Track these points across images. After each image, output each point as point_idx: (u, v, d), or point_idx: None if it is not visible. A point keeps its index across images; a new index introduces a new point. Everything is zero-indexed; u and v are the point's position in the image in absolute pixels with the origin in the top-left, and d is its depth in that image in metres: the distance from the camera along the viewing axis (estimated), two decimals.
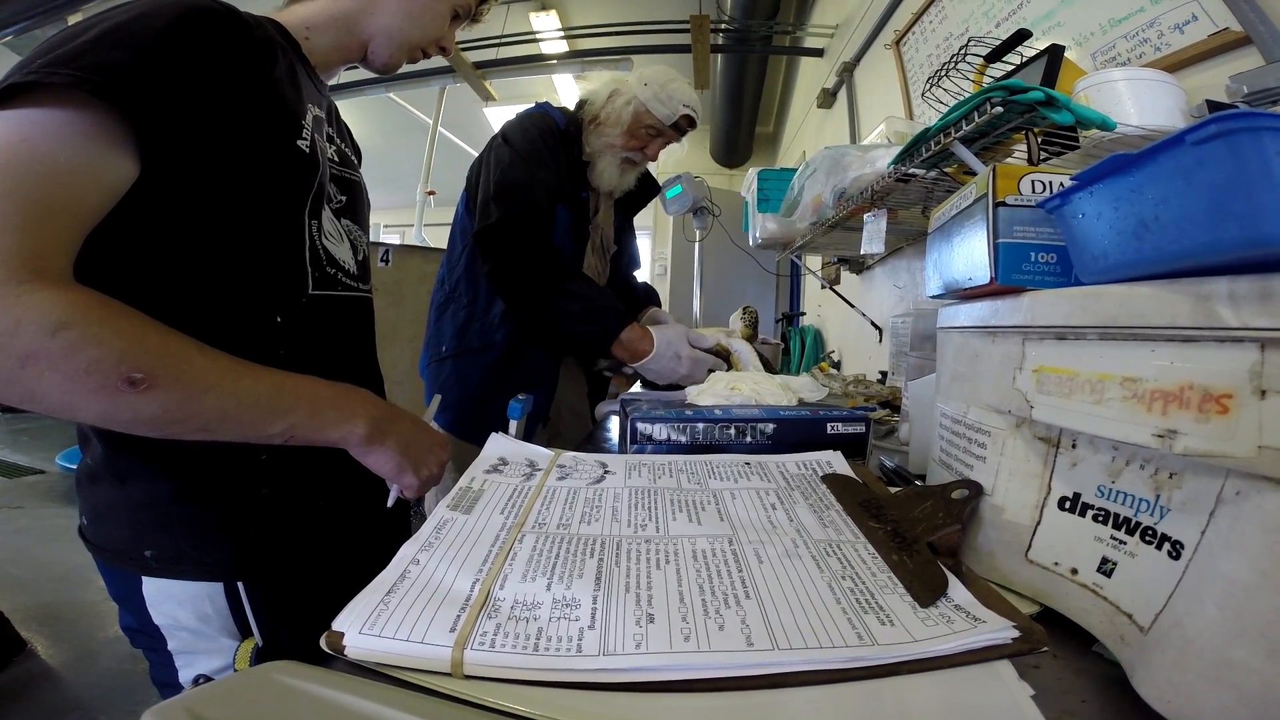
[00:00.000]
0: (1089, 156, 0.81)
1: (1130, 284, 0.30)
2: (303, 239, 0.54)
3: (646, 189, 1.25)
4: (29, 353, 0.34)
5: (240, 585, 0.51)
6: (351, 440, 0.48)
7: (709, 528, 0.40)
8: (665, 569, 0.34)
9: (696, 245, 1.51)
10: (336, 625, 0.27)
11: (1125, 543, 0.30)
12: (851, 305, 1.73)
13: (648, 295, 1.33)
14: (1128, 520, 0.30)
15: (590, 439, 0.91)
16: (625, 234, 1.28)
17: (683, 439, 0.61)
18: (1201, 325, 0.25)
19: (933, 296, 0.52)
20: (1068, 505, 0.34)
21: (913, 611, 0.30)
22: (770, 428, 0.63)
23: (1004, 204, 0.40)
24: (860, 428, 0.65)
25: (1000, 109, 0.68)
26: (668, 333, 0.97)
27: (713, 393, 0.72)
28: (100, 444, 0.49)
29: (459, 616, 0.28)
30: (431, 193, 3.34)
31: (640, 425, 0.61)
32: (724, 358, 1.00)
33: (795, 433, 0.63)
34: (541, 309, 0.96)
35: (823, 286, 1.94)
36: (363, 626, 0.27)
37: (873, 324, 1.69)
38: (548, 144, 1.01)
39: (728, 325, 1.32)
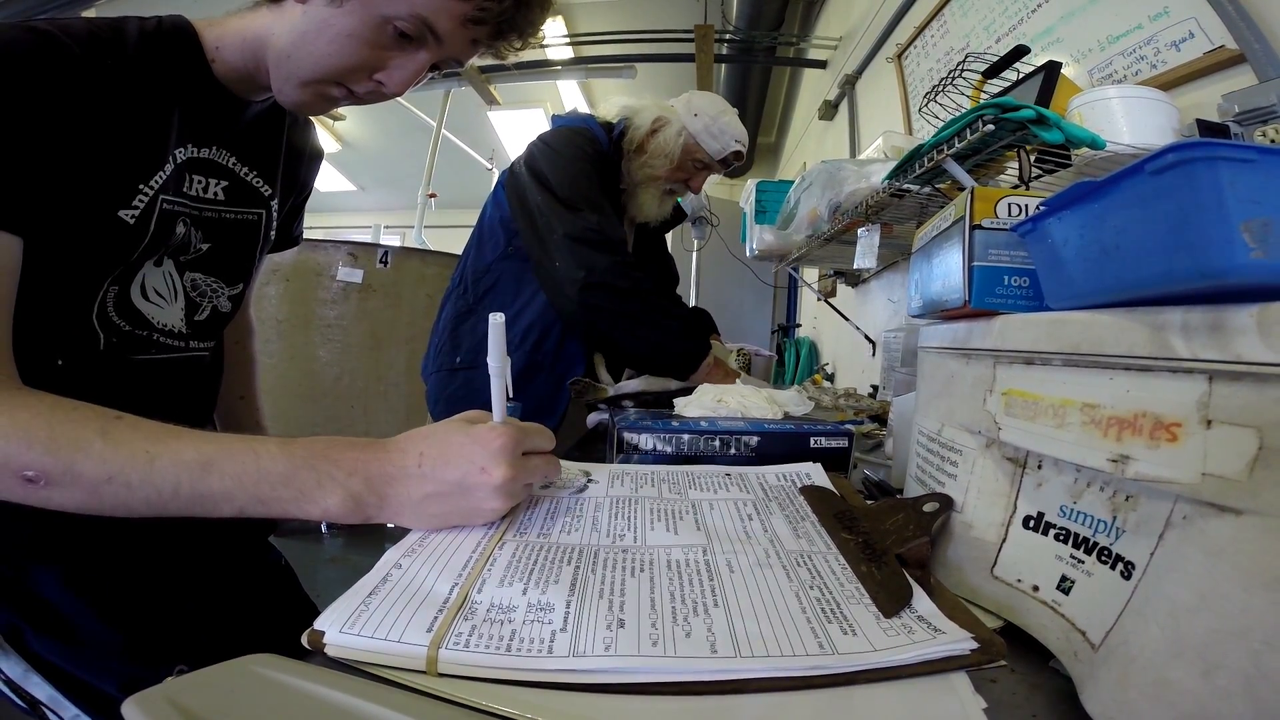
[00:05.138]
0: (1081, 174, 0.83)
1: (1093, 311, 0.31)
2: (90, 304, 0.50)
3: (676, 213, 1.24)
4: None
5: None
6: (329, 517, 0.38)
7: (685, 537, 0.41)
8: (640, 577, 0.35)
9: (694, 255, 1.52)
10: (318, 624, 0.28)
11: (1083, 562, 0.31)
12: (846, 318, 1.75)
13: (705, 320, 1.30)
14: (1086, 540, 0.31)
15: (579, 445, 0.92)
16: (647, 256, 1.26)
17: (668, 449, 0.62)
18: (1156, 355, 0.26)
19: (913, 316, 0.53)
20: (1031, 524, 0.35)
21: (876, 622, 0.31)
22: (754, 440, 0.64)
23: (980, 227, 0.41)
24: (843, 442, 0.66)
25: (992, 126, 0.69)
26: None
27: (699, 404, 0.73)
28: None
29: (436, 617, 0.29)
30: (433, 195, 3.35)
31: (627, 435, 0.62)
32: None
33: (779, 446, 0.64)
34: (636, 318, 0.93)
35: (818, 299, 1.95)
36: (343, 626, 0.28)
37: (866, 338, 1.70)
38: (595, 168, 1.00)
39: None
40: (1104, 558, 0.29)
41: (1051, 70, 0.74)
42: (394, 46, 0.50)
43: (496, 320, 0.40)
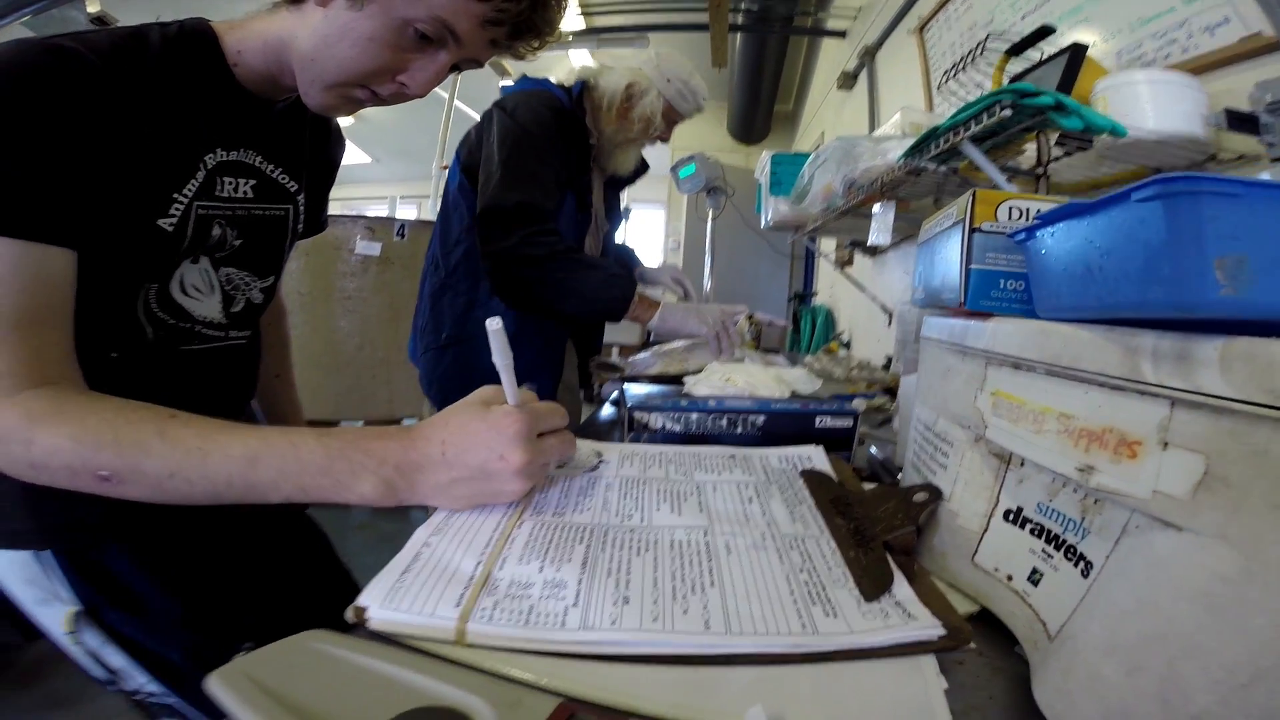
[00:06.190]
0: (1103, 158, 0.82)
1: (1077, 325, 0.33)
2: (134, 302, 0.52)
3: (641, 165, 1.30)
4: (31, 461, 0.40)
5: (47, 554, 0.52)
6: (366, 502, 0.41)
7: (688, 519, 0.44)
8: (644, 556, 0.39)
9: (709, 224, 1.52)
10: (360, 601, 0.32)
11: (1052, 557, 0.34)
12: (862, 289, 1.74)
13: (629, 256, 1.42)
14: (1057, 537, 0.34)
15: (590, 423, 0.95)
16: (612, 206, 1.31)
17: (677, 428, 0.65)
18: (1126, 376, 0.28)
19: (916, 305, 0.55)
20: (1011, 517, 0.38)
21: (856, 605, 0.34)
22: (761, 419, 0.66)
23: (979, 230, 0.42)
24: (848, 422, 0.69)
25: (1009, 112, 0.68)
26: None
27: (708, 384, 0.75)
28: None
29: (463, 593, 0.33)
30: (446, 167, 3.35)
31: (637, 414, 0.65)
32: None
33: (785, 425, 0.67)
34: (560, 281, 0.96)
35: (835, 269, 1.94)
36: (382, 601, 0.32)
37: (883, 308, 1.69)
38: (559, 127, 1.02)
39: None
40: (1070, 555, 0.32)
41: (1076, 53, 0.72)
42: (415, 48, 0.51)
43: (494, 326, 0.43)
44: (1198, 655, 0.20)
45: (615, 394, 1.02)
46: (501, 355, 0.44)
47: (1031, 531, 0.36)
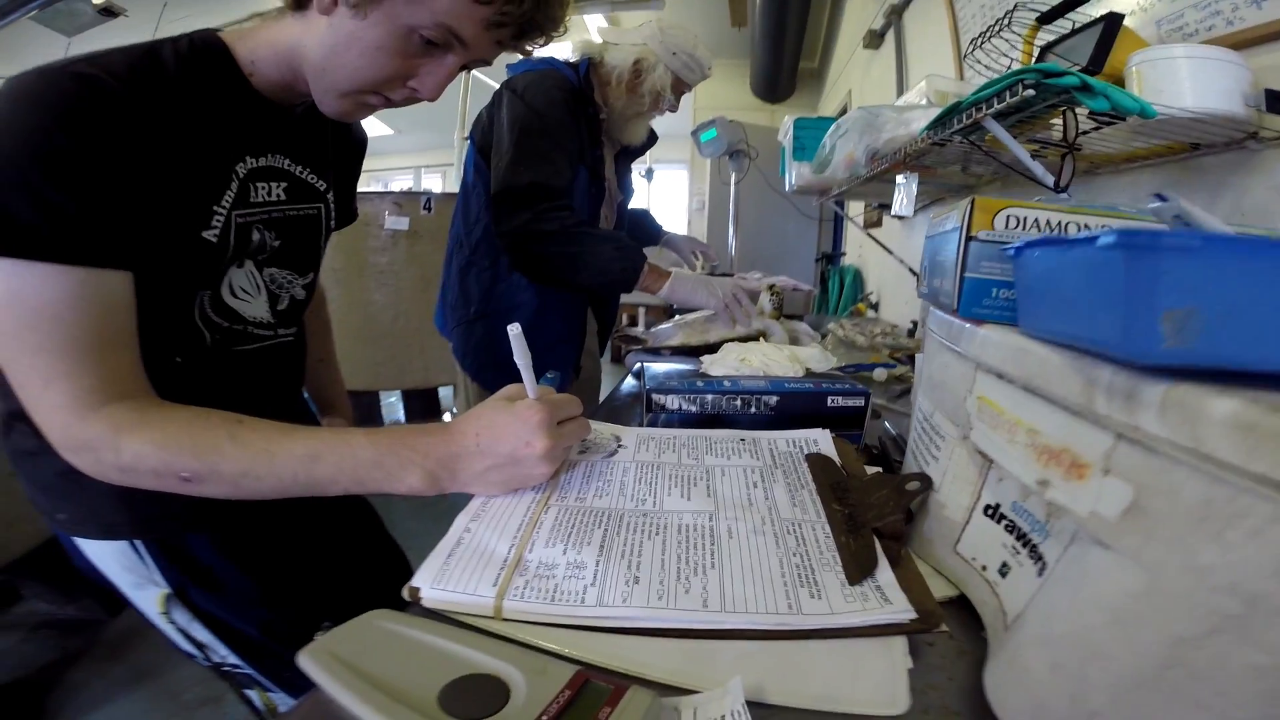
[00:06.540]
0: (1135, 133, 0.79)
1: (1052, 347, 0.35)
2: (191, 309, 0.56)
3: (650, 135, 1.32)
4: (120, 466, 0.45)
5: (140, 543, 0.58)
6: (414, 492, 0.47)
7: (696, 504, 0.49)
8: (654, 540, 0.44)
9: (732, 187, 1.51)
10: (414, 582, 0.38)
11: (1019, 552, 0.37)
12: (890, 252, 1.72)
13: (647, 219, 1.47)
14: (1025, 534, 0.37)
15: (612, 397, 1.00)
16: (624, 177, 1.34)
17: (693, 409, 0.70)
18: (1083, 406, 0.31)
19: (922, 297, 0.57)
20: (989, 512, 0.41)
21: (840, 588, 0.39)
22: (774, 400, 0.70)
23: (975, 238, 0.44)
24: (859, 401, 0.72)
25: (1032, 91, 0.67)
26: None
27: (723, 364, 0.79)
28: (3, 424, 0.55)
29: (499, 575, 0.39)
30: (467, 137, 3.33)
31: (655, 396, 0.69)
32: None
33: (798, 405, 0.70)
34: (574, 255, 1.00)
35: (863, 230, 1.91)
36: (432, 581, 0.38)
37: (911, 271, 1.67)
38: (569, 107, 1.04)
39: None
40: (1033, 554, 0.36)
41: (1111, 23, 0.69)
42: (422, 54, 0.52)
43: (514, 332, 0.49)
44: (1102, 660, 0.24)
45: (637, 366, 1.07)
46: (521, 355, 0.49)
47: (1006, 527, 0.39)
